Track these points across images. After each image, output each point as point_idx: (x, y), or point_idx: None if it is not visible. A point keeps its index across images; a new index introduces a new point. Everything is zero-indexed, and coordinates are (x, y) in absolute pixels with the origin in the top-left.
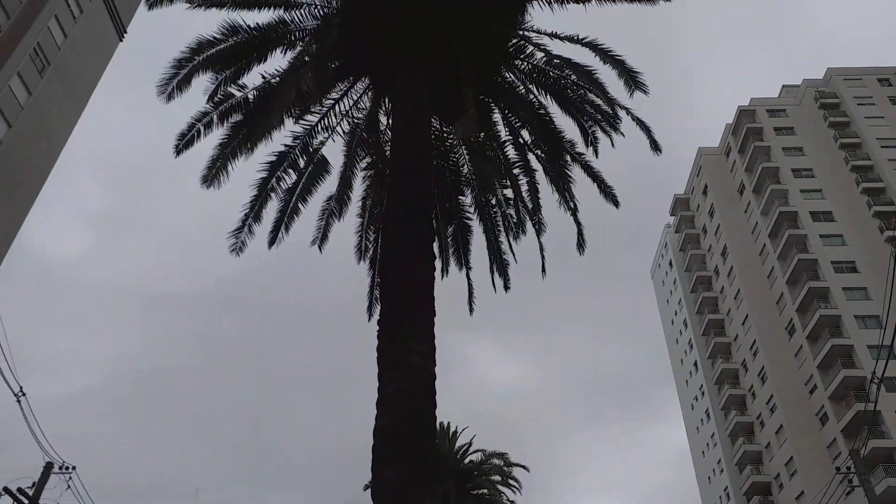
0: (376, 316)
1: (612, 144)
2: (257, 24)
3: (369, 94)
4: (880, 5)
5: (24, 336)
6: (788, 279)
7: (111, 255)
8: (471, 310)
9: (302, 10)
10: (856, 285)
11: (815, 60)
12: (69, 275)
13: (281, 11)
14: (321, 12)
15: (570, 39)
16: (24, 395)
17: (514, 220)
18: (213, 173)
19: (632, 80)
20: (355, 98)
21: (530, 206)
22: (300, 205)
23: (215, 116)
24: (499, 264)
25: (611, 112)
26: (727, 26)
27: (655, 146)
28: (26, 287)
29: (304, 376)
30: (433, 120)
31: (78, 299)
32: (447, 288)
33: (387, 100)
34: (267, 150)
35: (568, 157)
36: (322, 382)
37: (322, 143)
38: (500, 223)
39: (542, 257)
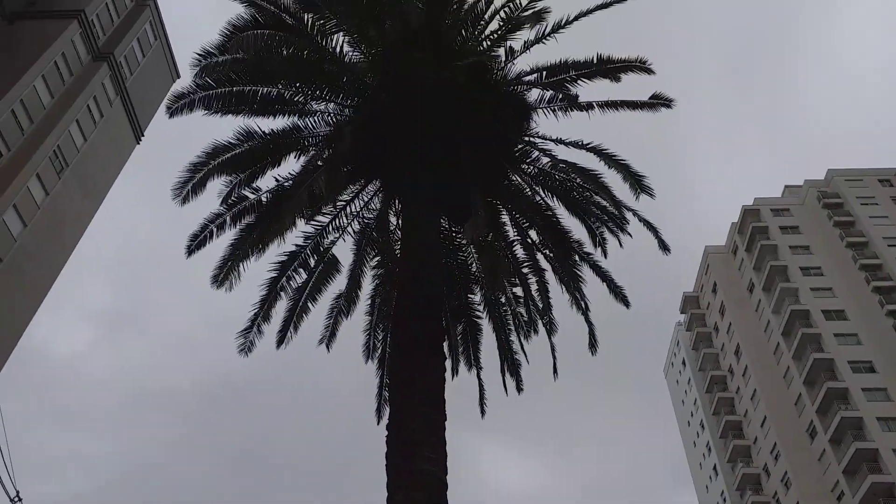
0: (385, 419)
1: (620, 245)
2: (272, 129)
3: (380, 195)
4: (873, 108)
5: (21, 435)
6: (805, 379)
7: (113, 352)
8: (482, 411)
9: (315, 118)
10: (875, 385)
11: (812, 161)
12: (69, 372)
13: (295, 118)
14: (334, 119)
15: (575, 145)
16: (20, 500)
17: (525, 319)
18: (224, 274)
19: (637, 183)
20: (366, 199)
21: (541, 305)
22: (309, 304)
23: (228, 218)
24: (510, 364)
25: (617, 214)
26: (726, 127)
27: (664, 247)
28: (25, 384)
29: (308, 479)
30: (442, 220)
31: (77, 397)
32: (457, 388)
33: (397, 200)
34: (277, 249)
35: (576, 257)
36: (326, 486)
37: (332, 243)
38: (511, 322)
39: (554, 358)
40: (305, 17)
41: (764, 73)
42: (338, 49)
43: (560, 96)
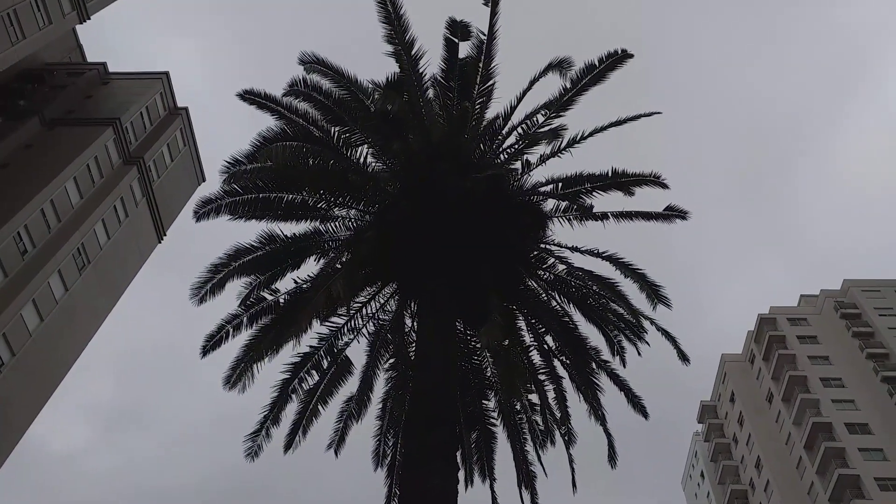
0: None
1: (639, 353)
2: (294, 233)
3: (396, 297)
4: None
5: None
6: (831, 496)
7: (114, 449)
8: None
9: (337, 222)
10: None
11: (824, 272)
12: (68, 469)
13: (317, 223)
14: (355, 224)
15: (591, 253)
16: None
17: (541, 429)
18: (238, 375)
19: (654, 293)
20: (382, 301)
21: (558, 414)
22: (320, 407)
23: (245, 319)
24: (525, 476)
25: (635, 323)
26: (737, 236)
27: (683, 357)
28: (21, 483)
29: None
30: (457, 322)
31: (76, 494)
32: (471, 499)
33: (413, 303)
34: (291, 350)
35: (594, 365)
36: None
37: (346, 345)
38: (527, 431)
39: (573, 470)
40: (332, 129)
41: (771, 182)
42: (361, 159)
43: (575, 207)
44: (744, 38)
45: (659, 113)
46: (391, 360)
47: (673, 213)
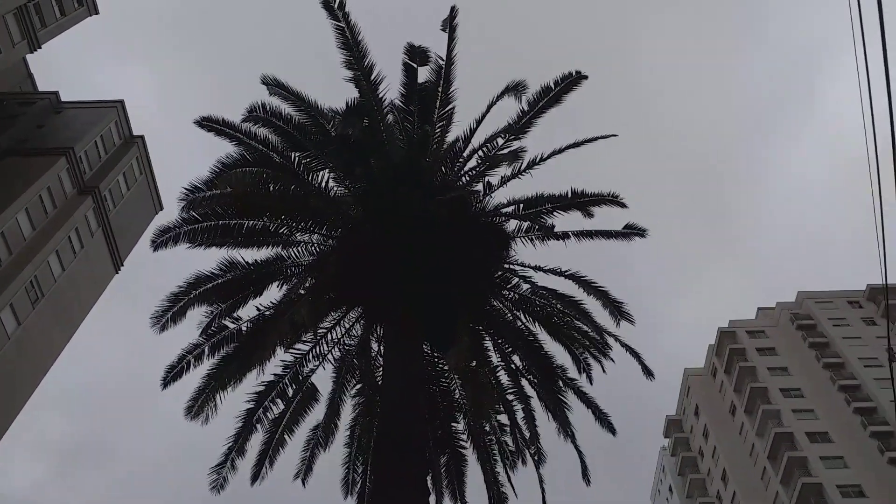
0: None
1: (604, 370)
2: (256, 260)
3: (361, 322)
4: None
5: None
6: None
7: (69, 487)
8: None
9: (299, 248)
10: None
11: (781, 282)
12: None
13: (279, 248)
14: (318, 249)
15: (553, 272)
16: None
17: (511, 450)
18: (199, 405)
19: (617, 310)
20: (347, 326)
21: (528, 434)
22: (286, 436)
23: (207, 348)
24: (497, 499)
25: (600, 340)
26: (695, 251)
27: (648, 372)
28: None
29: None
30: (425, 345)
31: None
32: None
33: (379, 327)
34: (255, 379)
35: (561, 383)
36: None
37: (312, 371)
38: (497, 452)
39: (543, 490)
40: (293, 155)
41: (724, 197)
42: (323, 184)
43: (537, 227)
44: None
45: (615, 135)
46: (358, 386)
47: (632, 231)
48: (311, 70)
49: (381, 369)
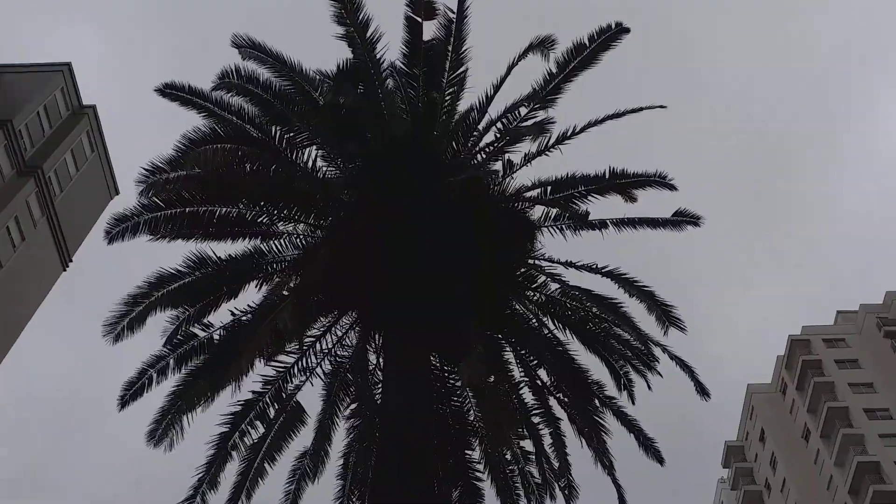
0: None
1: (649, 387)
2: (229, 255)
3: (356, 329)
4: None
5: None
6: None
7: None
8: None
9: (281, 240)
10: None
11: (860, 279)
12: None
13: (257, 241)
14: (304, 242)
15: (589, 269)
16: None
17: (537, 482)
18: (164, 429)
19: (665, 315)
20: (340, 334)
21: (557, 464)
22: (267, 465)
23: (172, 361)
24: None
25: (644, 350)
26: (751, 245)
27: (702, 390)
28: None
29: None
30: (432, 357)
31: None
32: None
33: (377, 335)
34: (230, 397)
35: (597, 402)
36: None
37: (298, 388)
38: (520, 485)
39: None
40: (273, 129)
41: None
42: (310, 164)
43: (567, 214)
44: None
45: (663, 106)
46: (353, 406)
47: (683, 219)
48: (294, 35)
49: (380, 386)
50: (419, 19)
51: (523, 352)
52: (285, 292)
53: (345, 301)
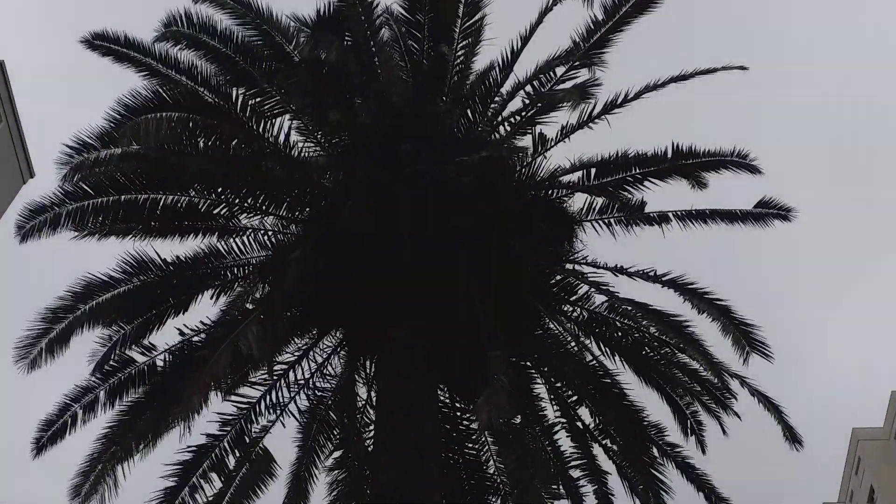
0: None
1: (724, 431)
2: (178, 257)
3: (341, 353)
4: None
5: None
6: None
7: None
8: None
9: (245, 238)
10: None
11: None
12: None
13: (214, 239)
14: (274, 240)
15: (646, 276)
16: None
17: None
18: (92, 482)
19: (745, 338)
20: (320, 360)
21: None
22: None
23: (103, 394)
24: None
25: (718, 383)
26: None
27: (793, 437)
28: None
29: None
30: (440, 390)
31: None
32: None
33: (368, 362)
34: (178, 442)
35: (656, 451)
36: None
37: (265, 431)
38: None
39: None
40: (234, 92)
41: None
42: (282, 138)
43: (617, 204)
44: None
45: (744, 68)
46: (336, 454)
47: (769, 212)
48: None
49: (371, 428)
50: None
51: (559, 384)
52: (249, 305)
53: (327, 317)
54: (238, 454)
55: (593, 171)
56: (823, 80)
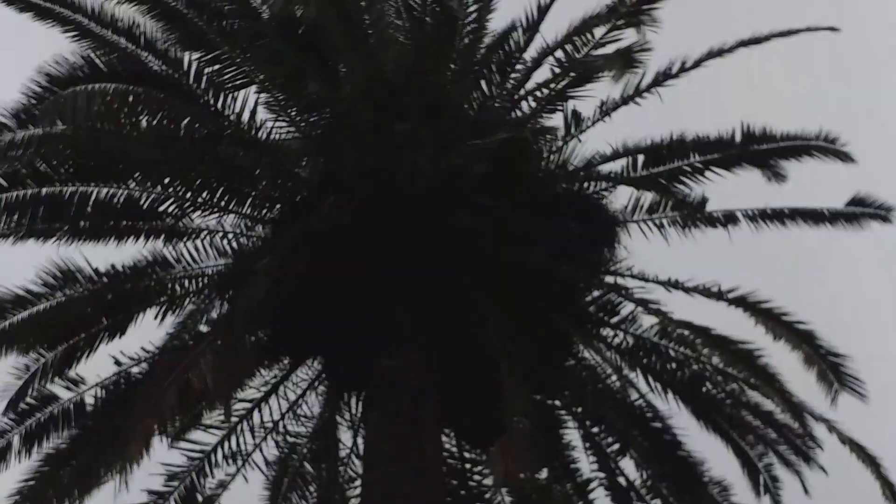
0: None
1: (805, 490)
2: (112, 266)
3: (319, 389)
4: None
5: None
6: None
7: None
8: None
9: (199, 242)
10: None
11: None
12: None
13: (159, 243)
14: (234, 245)
15: (706, 293)
16: None
17: None
18: None
19: (833, 372)
20: (293, 398)
21: None
22: None
23: (17, 439)
24: None
25: (799, 429)
26: None
27: (895, 497)
28: None
29: None
30: (445, 437)
31: None
32: None
33: (354, 398)
34: (112, 498)
35: None
36: None
37: (223, 487)
38: None
39: None
40: (187, 58)
41: None
42: (246, 116)
43: (671, 200)
44: None
45: (834, 29)
46: None
47: (864, 211)
48: None
49: (358, 483)
50: None
51: (596, 429)
52: (204, 328)
53: (301, 343)
54: None
55: (641, 158)
56: None
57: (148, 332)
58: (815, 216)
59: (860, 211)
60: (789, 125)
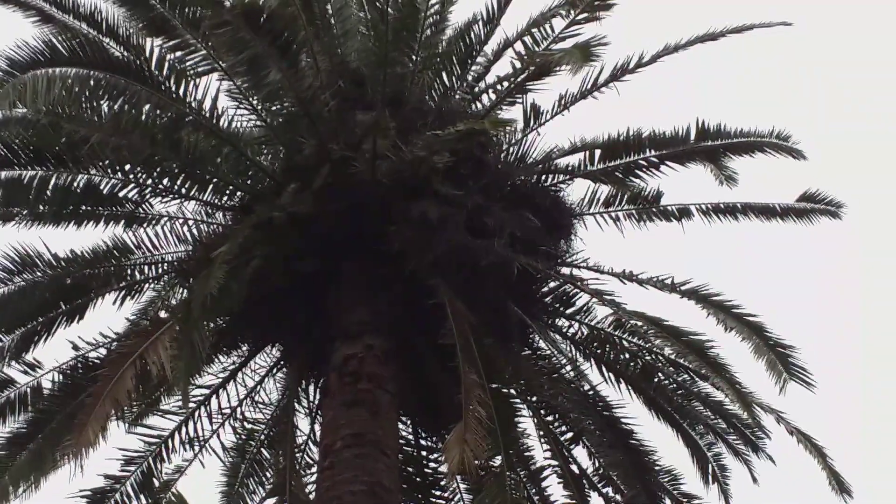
0: None
1: (754, 479)
2: (72, 251)
3: (279, 375)
4: None
5: None
6: None
7: None
8: None
9: (159, 228)
10: None
11: None
12: None
13: (119, 229)
14: (195, 231)
15: (659, 285)
16: None
17: None
18: None
19: (783, 362)
20: (252, 383)
21: None
22: None
23: None
24: None
25: (749, 420)
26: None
27: (841, 487)
28: None
29: None
30: (401, 424)
31: None
32: None
33: (312, 385)
34: (68, 484)
35: (668, 502)
36: None
37: (180, 472)
38: None
39: None
40: (149, 45)
41: None
42: (208, 103)
43: (626, 193)
44: None
45: (788, 24)
46: (270, 502)
47: (815, 207)
48: None
49: (314, 469)
50: None
51: (550, 418)
52: (163, 313)
53: (261, 329)
54: (145, 501)
55: (598, 152)
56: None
57: (107, 317)
58: (766, 211)
59: (811, 207)
60: (742, 122)
